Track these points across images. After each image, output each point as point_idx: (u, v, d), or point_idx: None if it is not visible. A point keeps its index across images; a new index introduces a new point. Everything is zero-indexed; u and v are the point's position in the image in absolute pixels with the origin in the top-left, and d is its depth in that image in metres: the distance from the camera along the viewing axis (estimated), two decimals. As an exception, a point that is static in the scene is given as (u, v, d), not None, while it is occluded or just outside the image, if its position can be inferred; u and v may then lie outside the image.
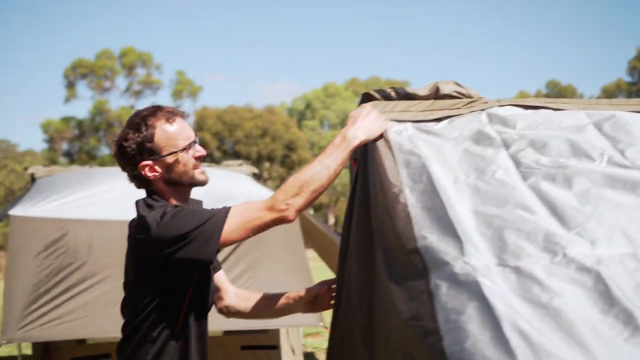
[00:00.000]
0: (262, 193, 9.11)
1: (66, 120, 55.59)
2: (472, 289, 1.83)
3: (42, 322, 7.43)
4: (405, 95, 3.06)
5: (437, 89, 3.07)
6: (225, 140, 51.26)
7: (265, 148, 50.23)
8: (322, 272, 8.43)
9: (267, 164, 50.76)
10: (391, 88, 3.09)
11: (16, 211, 8.03)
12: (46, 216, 8.01)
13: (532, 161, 2.51)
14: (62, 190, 8.58)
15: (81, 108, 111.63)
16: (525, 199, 2.27)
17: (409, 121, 2.89)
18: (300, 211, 2.77)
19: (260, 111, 52.22)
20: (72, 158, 54.40)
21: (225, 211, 2.77)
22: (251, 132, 50.04)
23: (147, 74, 56.12)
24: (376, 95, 3.08)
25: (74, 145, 56.49)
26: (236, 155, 48.02)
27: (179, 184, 2.94)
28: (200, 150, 2.96)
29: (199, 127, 51.37)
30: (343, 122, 59.46)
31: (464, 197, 2.33)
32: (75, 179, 9.13)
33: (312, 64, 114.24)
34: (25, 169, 9.73)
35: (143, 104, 55.51)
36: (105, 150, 55.99)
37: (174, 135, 2.89)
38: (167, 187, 2.94)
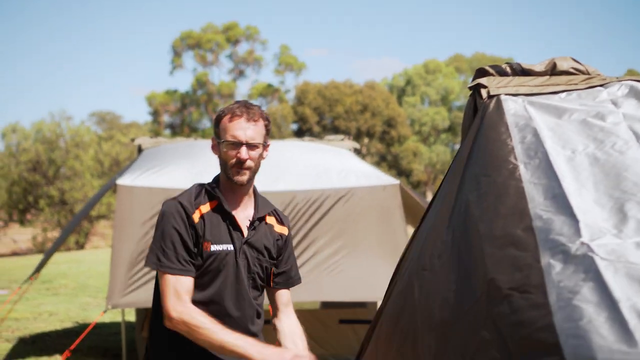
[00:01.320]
0: (363, 168, 9.09)
1: (170, 93, 56.67)
2: (589, 270, 1.81)
3: (146, 288, 7.62)
4: (520, 71, 3.00)
5: (553, 65, 3.00)
6: (324, 115, 51.38)
7: (365, 124, 50.14)
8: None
9: (366, 140, 50.69)
10: (506, 64, 3.03)
11: (123, 180, 8.23)
12: (152, 186, 8.19)
13: None
14: (167, 161, 8.75)
15: (184, 82, 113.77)
16: None
17: (523, 95, 2.83)
18: (175, 321, 3.09)
19: (361, 87, 52.12)
20: (174, 130, 55.48)
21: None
22: (351, 107, 50.00)
23: (251, 50, 56.63)
24: (491, 70, 3.03)
25: (176, 117, 57.58)
26: (335, 130, 48.08)
27: (223, 171, 3.35)
28: (239, 154, 3.24)
29: (299, 102, 51.62)
30: (444, 99, 59.20)
31: (581, 169, 2.29)
32: (180, 150, 9.30)
33: (414, 40, 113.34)
34: (133, 140, 9.96)
35: (244, 80, 56.13)
36: (206, 123, 56.91)
37: (225, 128, 3.27)
38: (220, 167, 3.37)
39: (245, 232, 3.33)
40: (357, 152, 10.44)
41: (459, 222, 2.42)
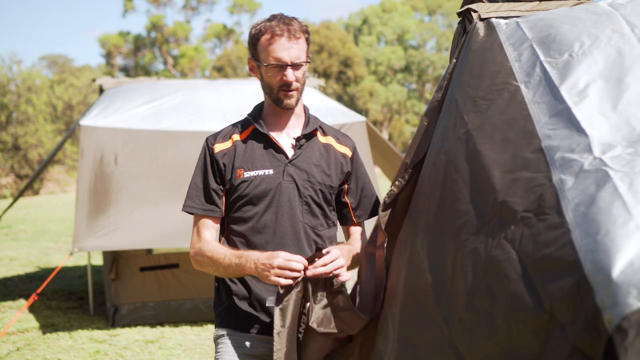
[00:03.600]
0: (328, 105, 9.03)
1: (122, 34, 55.83)
2: (602, 183, 1.76)
3: (112, 231, 7.54)
4: (510, -4, 2.93)
5: (544, -10, 2.93)
6: (281, 56, 50.93)
7: (322, 64, 49.86)
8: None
9: (322, 80, 50.50)
10: (496, -12, 2.94)
11: (86, 121, 8.08)
12: (115, 126, 8.06)
13: None
14: (130, 102, 8.61)
15: (137, 24, 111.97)
16: None
17: (515, 17, 2.78)
18: (192, 258, 3.12)
19: (317, 26, 51.72)
20: (128, 73, 54.75)
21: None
22: (307, 47, 49.61)
23: (203, -12, 55.86)
24: (480, -5, 2.95)
25: (129, 60, 56.84)
26: (292, 71, 47.77)
27: (267, 95, 3.14)
28: (285, 77, 3.02)
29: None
30: (400, 38, 59.12)
31: (582, 75, 2.21)
32: (143, 90, 9.14)
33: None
34: (94, 80, 9.77)
35: (198, 19, 55.47)
36: (159, 66, 56.21)
37: (266, 50, 3.02)
38: (263, 92, 3.15)
39: (290, 153, 3.11)
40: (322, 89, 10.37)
41: (458, 148, 2.37)
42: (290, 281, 2.72)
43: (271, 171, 3.06)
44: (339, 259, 2.80)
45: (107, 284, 8.52)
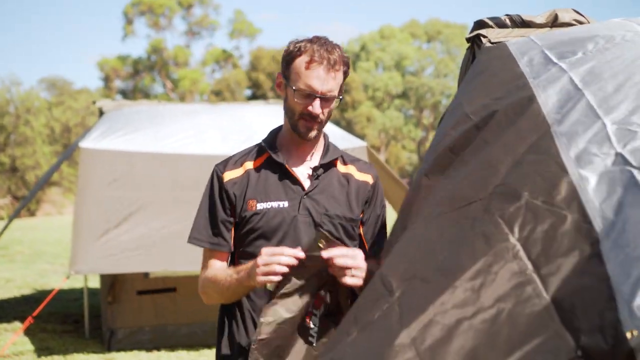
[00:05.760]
0: (329, 130, 9.00)
1: (121, 58, 55.94)
2: (628, 185, 1.66)
3: (109, 254, 7.49)
4: (520, 23, 2.93)
5: (555, 17, 2.93)
6: (279, 81, 51.13)
7: (319, 89, 49.97)
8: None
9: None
10: (506, 15, 2.95)
11: (86, 144, 8.05)
12: (115, 149, 8.03)
13: None
14: (131, 125, 8.61)
15: (136, 47, 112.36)
16: None
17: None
18: (200, 291, 2.92)
19: (315, 52, 51.82)
20: (126, 96, 54.80)
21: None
22: (306, 73, 49.77)
23: (205, 14, 56.11)
24: (489, 22, 2.94)
25: (128, 83, 56.92)
26: (290, 96, 47.89)
27: (288, 119, 2.86)
28: (311, 108, 2.75)
29: (253, 67, 51.27)
30: (398, 65, 59.23)
31: (596, 63, 2.17)
32: (143, 114, 9.14)
33: (368, 5, 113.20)
34: (94, 102, 9.77)
35: (199, 44, 55.73)
36: (159, 89, 56.27)
37: (299, 73, 2.75)
38: (285, 113, 2.89)
39: (307, 185, 2.86)
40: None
41: (462, 141, 2.25)
42: (279, 278, 2.49)
43: (286, 203, 2.81)
44: (358, 258, 2.54)
45: (104, 308, 8.45)
